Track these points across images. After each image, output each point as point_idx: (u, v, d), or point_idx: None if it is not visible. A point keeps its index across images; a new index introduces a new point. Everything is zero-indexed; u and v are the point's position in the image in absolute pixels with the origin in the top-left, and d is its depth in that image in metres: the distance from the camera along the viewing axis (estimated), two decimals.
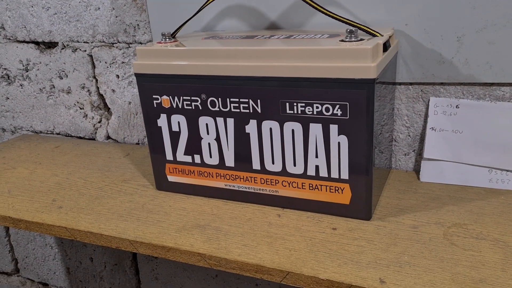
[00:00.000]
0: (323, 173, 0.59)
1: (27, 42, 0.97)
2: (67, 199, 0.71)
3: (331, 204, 0.60)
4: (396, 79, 0.68)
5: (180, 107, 0.64)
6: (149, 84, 0.64)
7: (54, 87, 0.98)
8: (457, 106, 0.65)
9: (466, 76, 0.64)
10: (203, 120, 0.63)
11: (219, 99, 0.60)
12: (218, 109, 0.61)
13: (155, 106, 0.65)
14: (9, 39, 0.98)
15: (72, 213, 0.67)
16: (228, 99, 0.60)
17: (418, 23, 0.64)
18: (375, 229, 0.57)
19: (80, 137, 1.01)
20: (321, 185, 0.60)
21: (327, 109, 0.55)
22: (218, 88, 0.60)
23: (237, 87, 0.59)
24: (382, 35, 0.58)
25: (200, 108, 0.62)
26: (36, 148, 0.96)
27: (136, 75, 0.65)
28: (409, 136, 0.71)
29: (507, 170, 0.64)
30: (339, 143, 0.56)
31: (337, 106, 0.54)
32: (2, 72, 1.03)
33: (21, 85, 1.02)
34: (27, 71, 1.00)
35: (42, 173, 0.83)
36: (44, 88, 1.00)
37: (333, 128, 0.56)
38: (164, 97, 0.64)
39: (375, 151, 0.60)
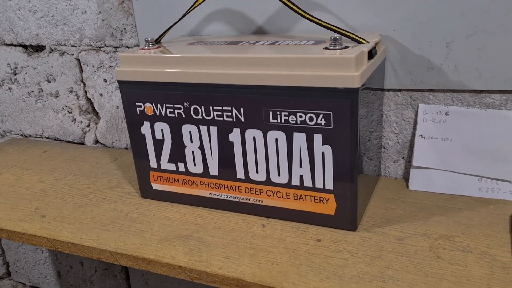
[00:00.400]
0: (308, 183, 0.58)
1: (15, 46, 0.96)
2: (51, 207, 0.70)
3: (316, 215, 0.59)
4: (385, 85, 0.67)
5: (163, 114, 0.62)
6: (132, 91, 0.63)
7: (42, 90, 0.97)
8: (446, 113, 0.64)
9: (456, 83, 0.63)
10: (187, 128, 0.62)
11: (202, 107, 0.59)
12: (201, 117, 0.60)
13: (138, 113, 0.64)
14: None
15: (55, 222, 0.66)
16: (211, 107, 0.59)
17: (407, 29, 0.63)
18: (360, 241, 0.55)
19: (69, 141, 1.00)
20: (305, 195, 0.58)
21: (310, 119, 0.54)
22: (200, 96, 0.59)
23: (220, 95, 0.57)
24: (368, 42, 0.56)
25: (183, 116, 0.61)
26: (24, 153, 0.95)
27: (119, 82, 0.64)
28: (398, 143, 0.70)
29: (497, 179, 0.62)
30: (323, 153, 0.55)
31: (321, 115, 0.53)
32: None
33: (9, 89, 1.01)
34: (15, 75, 0.99)
35: (28, 179, 0.82)
36: (32, 91, 0.98)
37: (317, 138, 0.55)
38: (147, 104, 0.63)
39: (364, 158, 0.58)
